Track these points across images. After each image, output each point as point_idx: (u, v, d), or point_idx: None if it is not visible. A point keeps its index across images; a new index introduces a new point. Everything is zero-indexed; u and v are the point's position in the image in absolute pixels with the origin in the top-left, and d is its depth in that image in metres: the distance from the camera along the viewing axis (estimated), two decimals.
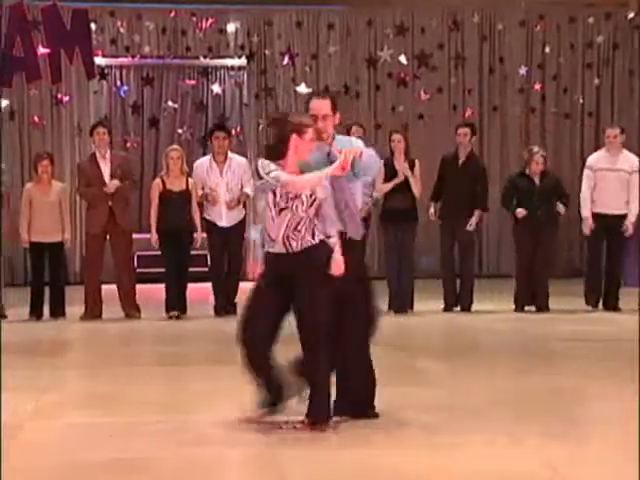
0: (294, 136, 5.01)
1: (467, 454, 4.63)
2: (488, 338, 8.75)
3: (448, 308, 10.33)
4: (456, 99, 14.59)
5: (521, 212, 10.17)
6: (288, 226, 5.03)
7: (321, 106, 5.22)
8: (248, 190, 9.99)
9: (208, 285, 10.27)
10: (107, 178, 9.94)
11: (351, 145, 5.23)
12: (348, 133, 10.26)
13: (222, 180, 10.07)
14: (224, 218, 10.06)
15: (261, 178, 5.01)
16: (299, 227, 5.04)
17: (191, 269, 10.10)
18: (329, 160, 5.12)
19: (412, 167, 10.12)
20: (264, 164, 5.01)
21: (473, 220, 10.32)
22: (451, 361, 7.43)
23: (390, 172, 10.10)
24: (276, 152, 5.06)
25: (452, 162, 10.40)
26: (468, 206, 10.27)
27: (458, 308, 10.34)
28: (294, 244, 5.05)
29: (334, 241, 5.10)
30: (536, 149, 10.58)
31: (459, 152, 10.42)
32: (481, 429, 5.04)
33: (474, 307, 10.32)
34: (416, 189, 10.12)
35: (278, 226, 5.04)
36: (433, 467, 4.45)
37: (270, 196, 5.05)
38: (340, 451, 4.78)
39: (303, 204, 5.04)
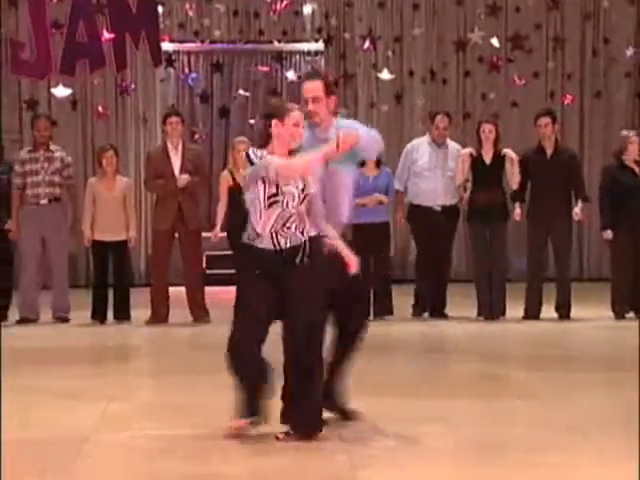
0: (275, 121, 5.13)
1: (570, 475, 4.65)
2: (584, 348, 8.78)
3: (529, 316, 10.21)
4: (554, 85, 14.55)
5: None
6: (276, 221, 5.11)
7: (311, 88, 5.36)
8: None
9: None
10: (177, 171, 10.10)
11: (356, 129, 5.29)
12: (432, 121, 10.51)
13: None
14: None
15: (252, 165, 5.09)
16: (288, 224, 5.11)
17: None
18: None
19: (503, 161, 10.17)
20: (255, 151, 5.15)
21: (578, 209, 10.26)
22: (544, 372, 7.45)
23: (479, 165, 10.18)
24: (260, 139, 5.22)
25: (538, 157, 10.28)
26: (563, 203, 10.20)
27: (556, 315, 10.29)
28: (282, 241, 5.12)
29: (332, 236, 5.23)
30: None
31: (544, 144, 10.30)
32: (578, 447, 5.08)
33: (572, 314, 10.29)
34: (514, 182, 10.15)
35: (265, 221, 5.11)
36: None
37: (260, 187, 5.09)
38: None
39: (294, 199, 5.09)
